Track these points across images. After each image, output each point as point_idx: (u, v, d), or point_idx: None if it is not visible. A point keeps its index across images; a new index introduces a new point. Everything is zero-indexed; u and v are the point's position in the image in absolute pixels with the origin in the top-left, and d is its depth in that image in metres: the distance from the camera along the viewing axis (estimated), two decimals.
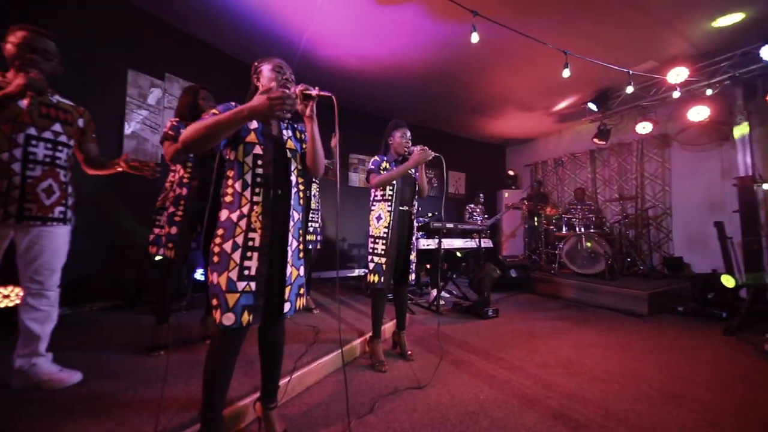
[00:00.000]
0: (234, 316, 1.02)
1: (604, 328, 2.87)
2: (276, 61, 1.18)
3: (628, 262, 4.48)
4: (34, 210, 1.32)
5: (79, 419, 1.17)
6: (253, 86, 1.22)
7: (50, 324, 1.44)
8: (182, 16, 3.13)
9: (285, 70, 1.18)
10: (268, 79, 1.16)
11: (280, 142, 1.17)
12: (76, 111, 1.50)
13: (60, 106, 1.43)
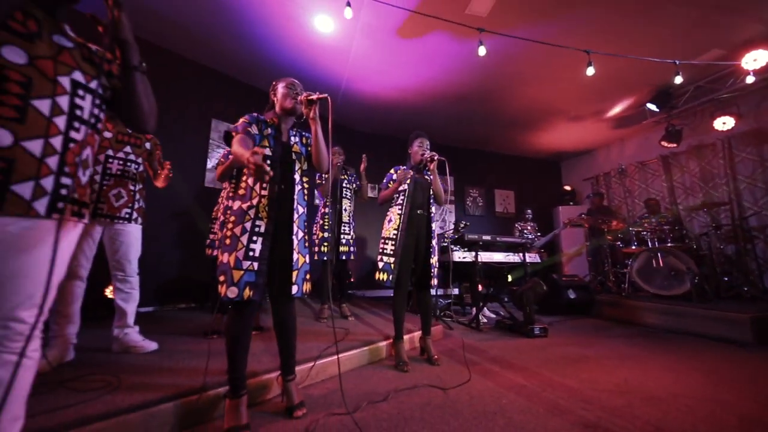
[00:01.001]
0: (237, 290, 1.21)
1: (684, 355, 2.38)
2: (289, 80, 1.47)
3: (726, 282, 3.66)
4: (106, 210, 1.76)
5: (154, 373, 1.48)
6: (270, 101, 1.51)
7: (133, 303, 1.86)
8: (246, 73, 3.92)
9: (296, 87, 1.46)
10: (282, 94, 1.44)
11: (288, 145, 1.43)
12: (145, 137, 1.99)
13: (132, 133, 1.92)
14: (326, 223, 2.88)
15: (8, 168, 0.72)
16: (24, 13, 0.78)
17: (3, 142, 0.72)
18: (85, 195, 0.90)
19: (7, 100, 0.73)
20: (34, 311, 0.78)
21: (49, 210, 0.78)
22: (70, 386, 1.29)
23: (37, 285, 0.76)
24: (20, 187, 0.74)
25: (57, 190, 0.79)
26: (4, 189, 0.72)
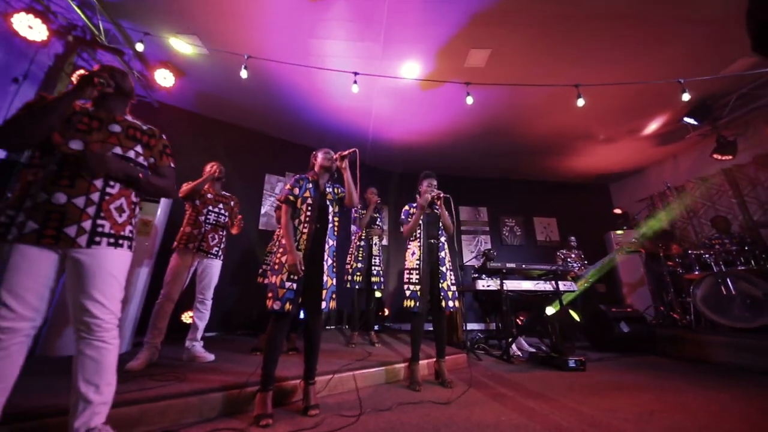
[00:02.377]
0: (281, 303, 1.60)
1: (755, 393, 2.05)
2: (324, 150, 1.97)
3: None
4: (206, 247, 2.38)
5: (211, 373, 1.91)
6: (311, 163, 2.01)
7: (205, 321, 2.38)
8: (290, 133, 4.77)
9: (331, 153, 1.95)
10: (321, 158, 1.93)
11: (323, 194, 1.88)
12: (231, 197, 2.67)
13: (224, 194, 2.60)
14: (360, 255, 3.26)
15: (61, 217, 1.14)
16: (90, 117, 1.26)
17: (59, 201, 1.14)
18: (123, 230, 1.24)
19: (65, 173, 1.17)
20: (106, 312, 1.16)
21: (89, 242, 1.14)
22: (154, 377, 1.76)
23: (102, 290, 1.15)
24: (69, 229, 1.13)
25: (94, 230, 1.16)
26: (59, 231, 1.13)
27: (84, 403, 1.12)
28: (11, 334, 1.04)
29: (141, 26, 2.86)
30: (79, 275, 1.14)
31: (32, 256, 1.09)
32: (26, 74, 2.53)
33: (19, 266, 1.07)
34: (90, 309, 1.14)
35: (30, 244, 1.09)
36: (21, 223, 1.10)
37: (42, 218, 1.11)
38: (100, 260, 1.17)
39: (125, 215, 1.27)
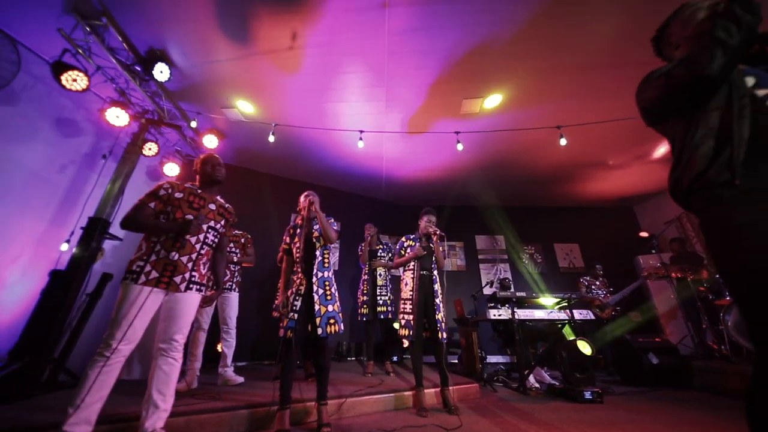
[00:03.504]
0: (284, 332, 1.91)
1: None
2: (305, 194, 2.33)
3: None
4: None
5: (240, 395, 2.21)
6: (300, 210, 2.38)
7: (232, 349, 2.73)
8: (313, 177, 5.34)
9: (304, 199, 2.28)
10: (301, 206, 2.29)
11: (309, 234, 2.20)
12: (241, 234, 3.10)
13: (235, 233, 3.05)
14: (365, 288, 3.52)
15: (174, 270, 1.61)
16: (199, 198, 1.81)
17: (173, 258, 1.62)
18: (204, 278, 1.75)
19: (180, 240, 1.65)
20: (183, 336, 1.60)
21: (186, 288, 1.63)
22: (195, 396, 2.10)
23: (186, 322, 1.61)
24: (177, 278, 1.62)
25: (190, 279, 1.66)
26: (171, 279, 1.59)
27: (154, 408, 1.47)
28: (118, 354, 1.44)
29: (195, 105, 3.61)
30: (173, 309, 1.57)
31: (146, 294, 1.52)
32: (111, 151, 3.29)
33: (138, 302, 1.49)
34: (174, 335, 1.55)
35: (150, 286, 1.53)
36: (147, 271, 1.54)
37: (161, 269, 1.57)
38: (188, 300, 1.62)
39: (207, 267, 1.77)
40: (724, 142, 0.82)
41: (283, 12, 2.56)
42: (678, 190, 0.94)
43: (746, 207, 0.76)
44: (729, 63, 0.82)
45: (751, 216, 0.75)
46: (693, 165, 0.88)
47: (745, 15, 0.81)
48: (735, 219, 0.78)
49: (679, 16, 1.09)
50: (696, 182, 0.87)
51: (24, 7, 2.52)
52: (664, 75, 0.97)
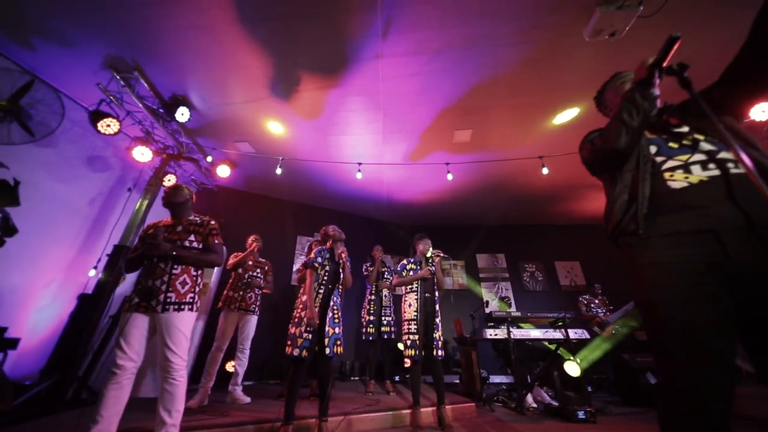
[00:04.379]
0: (299, 351, 2.10)
1: None
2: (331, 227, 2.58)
3: None
4: (245, 305, 3.00)
5: (247, 411, 2.38)
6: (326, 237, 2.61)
7: (244, 368, 2.91)
8: (318, 201, 5.65)
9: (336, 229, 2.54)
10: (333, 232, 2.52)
11: (338, 262, 2.43)
12: (266, 261, 3.36)
13: (261, 260, 3.30)
14: (372, 308, 3.69)
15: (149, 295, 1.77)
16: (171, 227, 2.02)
17: (148, 284, 1.87)
18: (185, 298, 1.84)
19: (156, 267, 1.93)
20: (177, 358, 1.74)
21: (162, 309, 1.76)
22: (206, 412, 2.27)
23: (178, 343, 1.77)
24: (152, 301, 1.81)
25: (165, 300, 1.78)
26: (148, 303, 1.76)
27: (161, 424, 1.66)
28: (123, 370, 1.65)
29: (210, 140, 3.97)
30: (160, 332, 1.76)
31: (137, 319, 1.74)
32: (135, 184, 3.64)
33: (131, 325, 1.72)
34: (166, 355, 1.73)
35: (135, 312, 1.75)
36: (132, 298, 1.78)
37: (141, 295, 1.78)
38: (169, 320, 1.77)
39: (187, 286, 1.88)
40: (633, 198, 1.04)
41: (290, 63, 2.92)
42: (606, 232, 1.14)
43: (646, 251, 0.96)
44: (632, 139, 1.05)
45: (649, 258, 0.95)
46: (613, 215, 1.09)
47: (643, 102, 1.05)
48: (639, 260, 0.98)
49: (612, 85, 1.34)
50: (615, 229, 1.07)
51: (68, 64, 2.94)
52: (590, 142, 1.21)
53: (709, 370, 0.82)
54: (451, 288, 6.17)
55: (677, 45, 0.99)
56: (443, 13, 2.47)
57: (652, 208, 0.98)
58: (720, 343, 0.83)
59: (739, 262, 0.82)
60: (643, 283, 0.96)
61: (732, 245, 0.84)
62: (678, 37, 0.98)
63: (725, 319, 0.84)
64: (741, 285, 0.83)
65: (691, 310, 0.85)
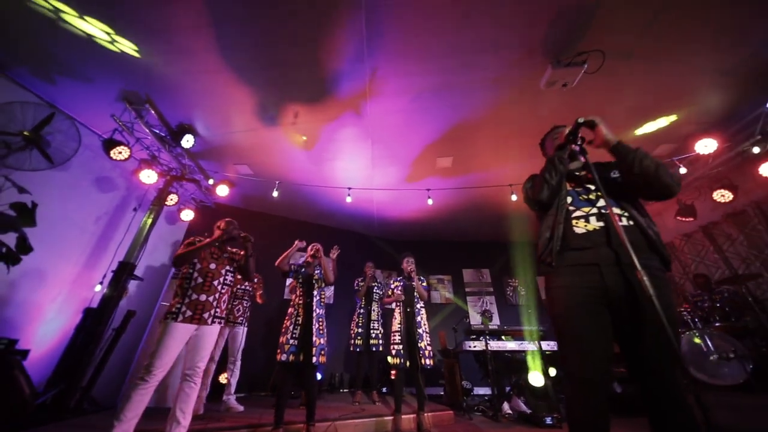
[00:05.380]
0: (286, 356, 2.34)
1: None
2: (313, 246, 2.88)
3: None
4: (232, 318, 3.22)
5: (240, 418, 2.58)
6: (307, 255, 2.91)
7: (235, 379, 3.11)
8: (314, 218, 5.92)
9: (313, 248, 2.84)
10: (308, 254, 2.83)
11: (311, 276, 2.71)
12: (255, 276, 3.60)
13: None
14: (360, 321, 3.93)
15: (203, 308, 2.09)
16: (219, 249, 2.34)
17: (201, 298, 2.11)
18: (223, 313, 2.24)
19: (205, 284, 2.15)
20: (204, 363, 2.06)
21: (211, 322, 2.11)
22: (204, 420, 2.48)
23: (207, 351, 2.07)
24: (206, 314, 2.11)
25: (214, 313, 2.13)
26: (201, 315, 2.09)
27: (176, 424, 1.89)
28: (154, 380, 1.88)
29: (212, 163, 4.27)
30: (198, 340, 2.02)
31: (182, 330, 1.99)
32: (140, 204, 3.89)
33: (175, 336, 1.96)
34: (197, 362, 1.99)
35: (185, 323, 2.00)
36: (183, 311, 2.02)
37: (193, 307, 2.04)
38: (211, 332, 2.07)
39: (226, 304, 2.24)
40: (551, 237, 1.36)
41: (287, 98, 3.27)
42: (536, 259, 1.46)
43: (556, 278, 1.28)
44: (551, 194, 1.38)
45: (557, 283, 1.27)
46: (540, 247, 1.41)
47: (560, 166, 1.39)
48: (551, 284, 1.29)
49: (550, 136, 1.69)
50: (539, 258, 1.39)
51: (85, 97, 3.24)
52: (524, 189, 1.54)
53: (592, 363, 1.12)
54: (438, 302, 6.43)
55: (582, 127, 1.35)
56: (424, 66, 2.86)
57: (563, 246, 1.31)
58: (600, 345, 1.14)
59: (610, 287, 1.14)
60: (552, 300, 1.27)
61: (607, 276, 1.16)
62: (581, 122, 1.34)
63: (604, 328, 1.15)
64: (612, 304, 1.15)
65: (580, 321, 1.16)
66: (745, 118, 3.48)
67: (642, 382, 1.10)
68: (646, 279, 1.00)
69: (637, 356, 1.12)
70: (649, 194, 1.27)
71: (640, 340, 1.09)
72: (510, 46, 2.69)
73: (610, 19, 2.45)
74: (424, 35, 2.60)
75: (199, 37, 2.64)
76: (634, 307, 1.10)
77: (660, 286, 1.07)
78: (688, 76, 3.10)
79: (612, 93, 3.23)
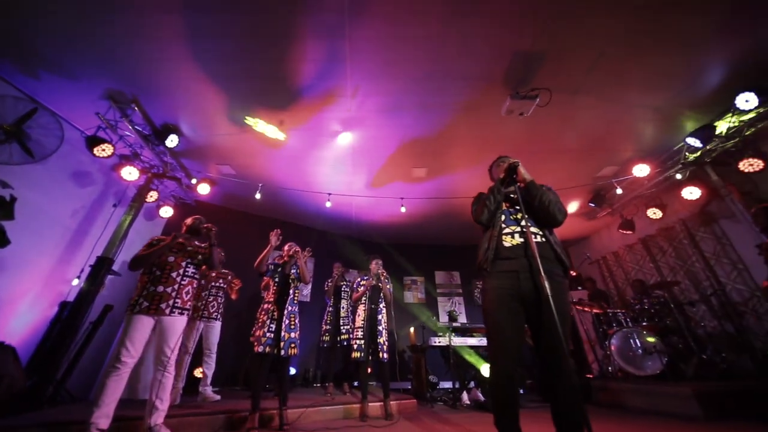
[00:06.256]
0: (262, 348, 2.56)
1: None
2: (287, 246, 3.11)
3: (704, 360, 3.70)
4: (207, 314, 3.38)
5: (219, 405, 2.76)
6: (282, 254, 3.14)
7: (211, 371, 3.28)
8: (291, 217, 6.09)
9: (292, 248, 3.08)
10: (285, 252, 3.05)
11: (287, 275, 2.94)
12: (228, 273, 3.78)
13: (224, 272, 3.72)
14: (329, 318, 4.18)
15: (159, 299, 2.22)
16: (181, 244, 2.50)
17: (158, 290, 2.24)
18: (186, 305, 2.33)
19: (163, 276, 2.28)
20: (172, 353, 2.22)
21: (170, 312, 2.23)
22: (182, 407, 2.64)
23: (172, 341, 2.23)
24: (163, 305, 2.24)
25: (173, 304, 2.25)
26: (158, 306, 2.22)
27: (154, 409, 2.07)
28: (126, 366, 2.05)
29: (194, 162, 4.36)
30: (162, 330, 2.19)
31: (143, 321, 2.15)
32: (120, 200, 3.93)
33: (136, 327, 2.12)
34: (165, 351, 2.16)
35: (143, 314, 2.16)
36: (140, 303, 2.19)
37: (150, 299, 2.20)
38: (173, 322, 2.23)
39: (189, 295, 2.36)
40: (488, 248, 1.70)
41: (273, 107, 3.47)
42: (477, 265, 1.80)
43: (489, 280, 1.62)
44: (490, 218, 1.73)
45: (489, 285, 1.61)
46: (480, 256, 1.74)
47: (498, 195, 1.74)
48: (485, 285, 1.63)
49: (496, 164, 2.04)
50: (478, 264, 1.73)
51: (69, 93, 3.28)
52: (472, 208, 1.89)
53: (508, 350, 1.47)
54: (411, 302, 6.79)
55: (517, 168, 1.71)
56: (402, 87, 3.17)
57: (495, 255, 1.65)
58: (515, 336, 1.49)
59: (524, 290, 1.50)
60: (484, 298, 1.62)
61: (522, 281, 1.51)
62: (516, 164, 1.69)
63: (519, 323, 1.50)
64: (525, 303, 1.50)
65: (502, 317, 1.51)
66: (671, 148, 4.09)
67: (542, 359, 1.46)
68: (546, 283, 1.36)
69: (540, 340, 1.48)
70: (545, 221, 1.65)
71: (541, 328, 1.45)
72: (477, 77, 3.07)
73: (557, 63, 2.89)
74: (403, 63, 2.92)
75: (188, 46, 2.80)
76: (538, 305, 1.46)
77: (557, 289, 1.43)
78: (626, 110, 3.62)
79: (565, 121, 3.70)
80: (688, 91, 3.36)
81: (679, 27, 2.70)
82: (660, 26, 2.69)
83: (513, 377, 1.47)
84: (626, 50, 2.88)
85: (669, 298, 4.48)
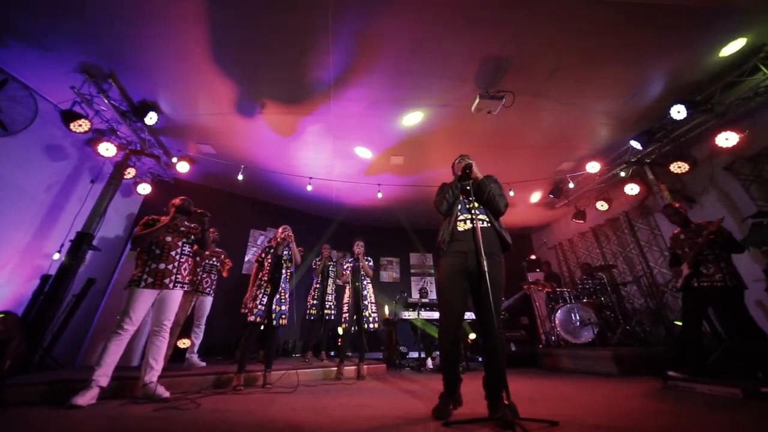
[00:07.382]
0: (254, 317, 2.85)
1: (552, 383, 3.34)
2: (283, 227, 3.34)
3: (627, 330, 4.43)
4: (201, 288, 3.60)
5: (206, 370, 3.03)
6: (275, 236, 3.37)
7: (199, 340, 3.52)
8: (271, 198, 6.22)
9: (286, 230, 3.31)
10: (277, 234, 3.29)
11: (280, 256, 3.19)
12: (221, 251, 3.97)
13: (218, 250, 3.91)
14: (316, 294, 4.50)
15: (162, 275, 2.45)
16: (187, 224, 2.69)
17: (161, 267, 2.46)
18: (185, 279, 2.59)
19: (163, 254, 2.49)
20: (170, 321, 2.46)
21: (173, 287, 2.47)
22: (173, 370, 2.89)
23: (172, 311, 2.47)
24: (167, 280, 2.48)
25: (175, 279, 2.50)
26: (162, 281, 2.45)
27: (149, 368, 2.32)
28: (126, 333, 2.26)
29: (173, 140, 4.36)
30: (163, 302, 2.41)
31: (145, 294, 2.35)
32: (97, 176, 3.90)
33: (139, 299, 2.32)
34: (163, 320, 2.39)
35: (147, 288, 2.36)
36: (145, 278, 2.37)
37: (154, 276, 2.39)
38: (174, 295, 2.45)
39: (187, 271, 2.58)
40: (446, 231, 2.04)
41: (253, 92, 3.56)
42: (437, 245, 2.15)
43: (445, 259, 1.98)
44: (449, 209, 2.06)
45: (444, 263, 1.96)
46: (439, 237, 2.09)
47: (456, 191, 2.06)
48: (441, 262, 1.99)
49: (457, 161, 2.35)
50: (438, 244, 2.07)
51: (41, 65, 3.18)
52: (435, 198, 2.21)
53: (454, 317, 1.85)
54: (387, 281, 7.23)
55: (471, 168, 2.03)
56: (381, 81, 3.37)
57: (451, 238, 2.00)
58: (460, 306, 1.86)
59: (470, 268, 1.86)
60: (439, 274, 1.98)
61: (469, 260, 1.87)
62: (470, 164, 2.01)
63: (465, 296, 1.88)
64: (470, 279, 1.87)
65: (451, 291, 1.87)
66: (619, 149, 4.62)
67: (480, 324, 1.86)
68: (485, 261, 1.73)
69: (479, 309, 1.87)
70: (491, 210, 2.02)
71: (480, 298, 1.83)
72: (450, 76, 3.32)
73: (520, 69, 3.20)
74: (384, 61, 3.11)
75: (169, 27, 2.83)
76: (479, 279, 1.83)
77: (494, 267, 1.81)
78: (582, 114, 4.05)
79: (528, 120, 4.07)
80: (634, 99, 3.81)
81: (630, 42, 3.06)
82: (614, 41, 3.04)
83: (457, 340, 1.86)
84: (582, 60, 3.24)
85: (608, 280, 5.18)
